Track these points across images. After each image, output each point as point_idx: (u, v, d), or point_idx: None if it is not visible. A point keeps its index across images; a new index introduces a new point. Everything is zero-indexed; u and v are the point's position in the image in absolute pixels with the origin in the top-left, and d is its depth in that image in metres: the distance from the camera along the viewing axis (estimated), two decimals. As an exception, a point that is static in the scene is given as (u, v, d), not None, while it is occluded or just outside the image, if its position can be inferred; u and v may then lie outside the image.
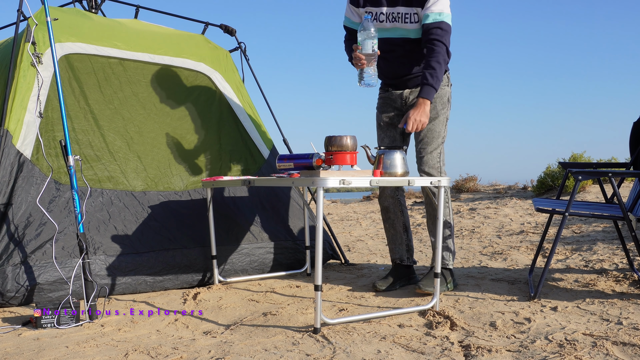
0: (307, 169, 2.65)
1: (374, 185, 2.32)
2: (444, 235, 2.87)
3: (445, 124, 2.93)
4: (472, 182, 8.82)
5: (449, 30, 2.77)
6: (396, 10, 2.80)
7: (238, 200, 3.45)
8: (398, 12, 2.80)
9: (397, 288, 2.96)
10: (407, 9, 2.78)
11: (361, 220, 6.96)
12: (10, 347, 2.08)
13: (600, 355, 1.87)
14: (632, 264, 3.08)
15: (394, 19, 2.82)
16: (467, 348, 1.98)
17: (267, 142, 3.76)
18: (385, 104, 3.02)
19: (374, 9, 2.83)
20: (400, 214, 3.03)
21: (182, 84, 3.52)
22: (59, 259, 2.72)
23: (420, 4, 2.75)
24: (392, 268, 3.05)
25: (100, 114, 3.15)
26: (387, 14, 2.82)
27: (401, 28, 2.83)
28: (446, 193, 2.89)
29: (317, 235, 2.18)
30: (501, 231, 5.19)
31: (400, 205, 3.03)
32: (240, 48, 4.00)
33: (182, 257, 3.07)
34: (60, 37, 3.09)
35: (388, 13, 2.82)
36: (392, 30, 2.85)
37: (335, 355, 1.94)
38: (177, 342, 2.14)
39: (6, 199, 2.73)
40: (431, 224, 2.92)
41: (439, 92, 2.89)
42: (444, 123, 2.92)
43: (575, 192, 2.66)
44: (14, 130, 2.82)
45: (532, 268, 3.14)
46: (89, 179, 2.99)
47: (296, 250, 3.52)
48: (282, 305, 2.67)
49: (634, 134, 3.08)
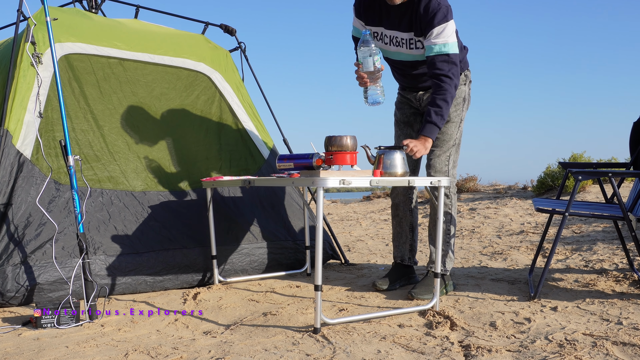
0: (307, 169, 2.65)
1: (374, 185, 2.32)
2: (443, 240, 2.82)
3: (459, 126, 2.84)
4: (472, 182, 8.82)
5: (456, 61, 2.61)
6: (399, 36, 2.69)
7: (238, 200, 3.45)
8: (402, 38, 2.69)
9: (397, 288, 2.96)
10: (408, 35, 2.67)
11: (361, 220, 6.96)
12: (10, 347, 2.08)
13: (600, 355, 1.87)
14: (632, 264, 3.08)
15: (397, 43, 2.71)
16: (467, 348, 1.98)
17: (267, 142, 3.76)
18: (403, 101, 3.00)
19: (377, 29, 2.75)
20: (410, 213, 3.01)
21: (182, 84, 3.52)
22: (59, 259, 2.72)
23: (422, 33, 2.62)
24: (393, 267, 3.05)
25: (100, 114, 3.15)
26: (391, 37, 2.72)
27: (406, 53, 2.73)
28: (449, 197, 2.83)
29: (317, 235, 2.18)
30: (501, 231, 5.19)
31: (410, 203, 3.00)
32: (240, 48, 4.00)
33: (182, 257, 3.07)
34: (60, 37, 3.09)
35: (391, 36, 2.72)
36: (397, 54, 2.77)
37: (335, 355, 1.94)
38: (177, 342, 2.14)
39: (6, 199, 2.73)
40: (432, 226, 2.90)
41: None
42: (458, 125, 2.83)
43: (575, 192, 2.65)
44: (14, 130, 2.82)
45: (532, 268, 3.14)
46: (89, 179, 2.99)
47: (296, 250, 3.52)
48: (282, 305, 2.67)
49: (634, 134, 3.08)
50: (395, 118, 3.03)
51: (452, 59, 2.61)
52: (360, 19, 2.79)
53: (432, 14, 2.56)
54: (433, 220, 2.86)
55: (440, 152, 2.81)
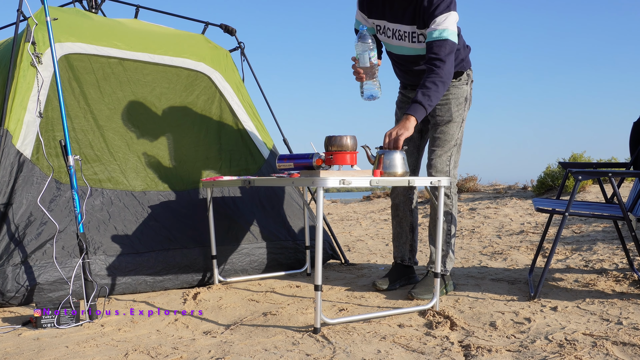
0: (307, 169, 2.65)
1: (374, 185, 2.32)
2: (443, 240, 2.82)
3: (460, 126, 2.83)
4: (472, 182, 8.82)
5: (453, 48, 2.57)
6: (402, 29, 2.69)
7: (238, 200, 3.45)
8: (404, 31, 2.68)
9: (397, 287, 2.96)
10: (411, 28, 2.66)
11: (361, 220, 6.96)
12: (10, 347, 2.08)
13: (600, 355, 1.87)
14: (632, 264, 3.08)
15: (400, 37, 2.71)
16: (467, 348, 1.98)
17: (267, 142, 3.76)
18: (404, 100, 2.99)
19: (380, 22, 2.75)
20: (410, 213, 3.01)
21: (182, 84, 3.52)
22: (59, 259, 2.72)
23: (425, 25, 2.61)
24: (393, 267, 3.05)
25: (100, 113, 3.15)
26: (393, 31, 2.72)
27: (408, 47, 2.73)
28: (449, 197, 2.83)
29: (317, 235, 2.18)
30: (501, 231, 5.19)
31: (410, 204, 3.00)
32: (240, 48, 4.00)
33: (182, 257, 3.07)
34: (60, 37, 3.09)
35: (394, 30, 2.71)
36: (399, 48, 2.77)
37: (335, 355, 1.94)
38: (177, 342, 2.14)
39: (6, 199, 2.73)
40: (432, 227, 2.90)
41: (456, 91, 2.81)
42: (460, 125, 2.82)
43: (575, 192, 2.65)
44: (14, 130, 2.82)
45: (532, 268, 3.14)
46: (89, 178, 2.99)
47: (296, 250, 3.52)
48: (282, 305, 2.67)
49: (634, 134, 3.08)
50: (396, 117, 3.03)
51: (449, 45, 2.56)
52: (363, 12, 2.79)
53: (435, 4, 2.56)
54: (433, 220, 2.85)
55: (442, 152, 2.80)
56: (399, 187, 2.99)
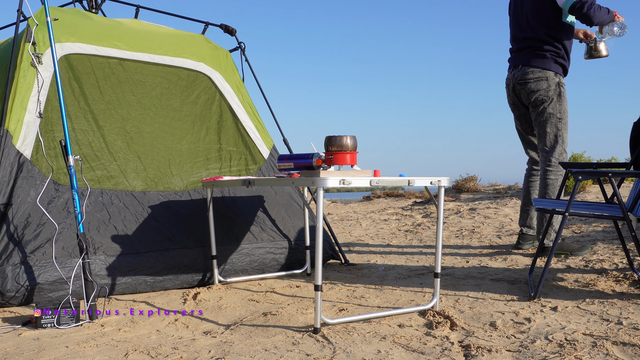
0: (307, 169, 2.65)
1: (374, 185, 2.32)
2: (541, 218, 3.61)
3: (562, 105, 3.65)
4: (472, 182, 8.81)
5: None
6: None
7: (238, 200, 3.45)
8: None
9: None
10: None
11: (361, 220, 6.96)
12: (10, 347, 2.08)
13: (600, 355, 1.87)
14: (632, 264, 3.08)
15: None
16: (467, 348, 1.98)
17: (267, 142, 3.76)
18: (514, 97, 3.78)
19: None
20: (527, 184, 3.93)
21: (182, 84, 3.52)
22: (58, 259, 2.72)
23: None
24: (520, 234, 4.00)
25: (100, 114, 3.15)
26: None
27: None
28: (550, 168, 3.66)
29: (317, 235, 2.18)
30: (501, 231, 5.19)
31: (530, 177, 3.93)
32: (240, 48, 4.00)
33: (182, 257, 3.07)
34: (60, 37, 3.09)
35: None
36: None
37: (335, 355, 1.94)
38: (177, 342, 2.14)
39: (6, 199, 2.74)
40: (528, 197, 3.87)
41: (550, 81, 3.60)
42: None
43: (575, 192, 2.66)
44: (14, 131, 2.82)
45: (532, 268, 3.14)
46: (88, 179, 2.99)
47: (296, 250, 3.52)
48: (282, 305, 2.67)
49: (634, 134, 3.08)
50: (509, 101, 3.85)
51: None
52: None
53: None
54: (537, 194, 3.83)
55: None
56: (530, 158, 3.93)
